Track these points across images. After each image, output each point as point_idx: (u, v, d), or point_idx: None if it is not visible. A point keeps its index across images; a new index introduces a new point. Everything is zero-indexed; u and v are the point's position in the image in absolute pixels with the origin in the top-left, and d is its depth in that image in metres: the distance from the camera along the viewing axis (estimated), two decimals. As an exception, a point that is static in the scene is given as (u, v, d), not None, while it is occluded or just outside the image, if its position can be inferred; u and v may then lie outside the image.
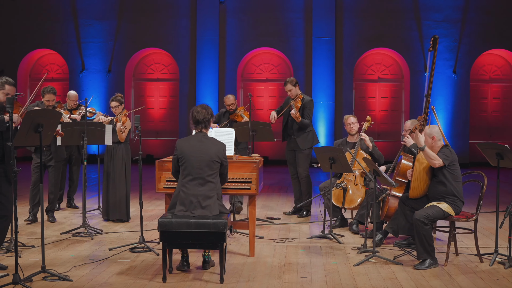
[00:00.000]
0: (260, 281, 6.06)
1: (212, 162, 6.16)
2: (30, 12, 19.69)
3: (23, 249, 7.28)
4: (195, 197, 6.08)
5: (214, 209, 6.08)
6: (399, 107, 19.59)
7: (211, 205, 6.08)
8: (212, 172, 6.17)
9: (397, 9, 18.86)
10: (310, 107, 9.58)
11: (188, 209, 6.06)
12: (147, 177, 14.16)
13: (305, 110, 9.54)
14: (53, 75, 20.40)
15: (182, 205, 6.10)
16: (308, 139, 9.59)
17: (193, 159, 6.14)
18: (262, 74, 19.82)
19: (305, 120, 9.48)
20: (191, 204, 6.07)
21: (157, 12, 19.36)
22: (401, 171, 7.61)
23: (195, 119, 6.34)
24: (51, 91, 8.83)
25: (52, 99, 8.82)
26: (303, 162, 9.62)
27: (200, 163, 6.13)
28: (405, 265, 6.70)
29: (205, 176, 6.13)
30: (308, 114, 9.55)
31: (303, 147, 9.56)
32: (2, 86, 6.19)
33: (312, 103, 9.64)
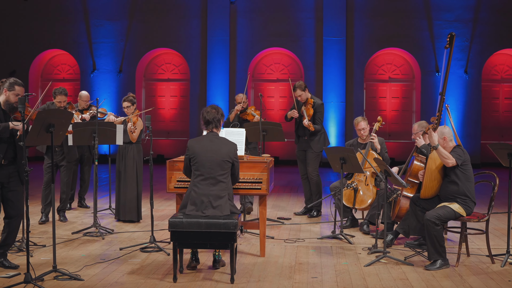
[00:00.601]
0: (270, 281, 6.05)
1: (224, 162, 6.17)
2: (41, 13, 19.79)
3: (35, 248, 7.31)
4: (206, 196, 6.09)
5: (225, 209, 6.09)
6: (410, 107, 19.53)
7: (222, 205, 6.09)
8: (224, 172, 6.17)
9: (408, 9, 18.81)
10: (321, 111, 9.57)
11: (199, 209, 6.07)
12: (158, 177, 14.19)
13: (316, 115, 9.53)
14: (65, 75, 20.48)
15: (193, 204, 6.11)
16: (320, 141, 9.58)
17: (204, 159, 6.15)
18: (273, 74, 19.81)
19: (317, 127, 9.49)
20: (202, 203, 6.08)
21: (168, 13, 19.40)
22: (413, 172, 7.58)
23: (205, 120, 6.36)
24: (62, 92, 8.84)
25: (64, 100, 8.84)
26: (313, 162, 9.61)
27: (212, 163, 6.14)
28: (416, 265, 6.67)
29: (216, 176, 6.14)
30: (319, 119, 9.54)
31: (317, 150, 9.57)
32: (12, 87, 6.23)
33: (322, 106, 9.62)
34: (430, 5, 18.68)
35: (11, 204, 6.35)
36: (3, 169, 6.22)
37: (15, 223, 6.42)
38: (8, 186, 6.29)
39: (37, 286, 5.64)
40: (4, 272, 6.24)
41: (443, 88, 6.99)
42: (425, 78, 18.78)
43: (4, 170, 6.23)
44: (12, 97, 6.22)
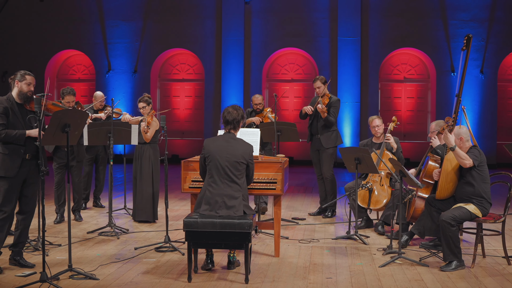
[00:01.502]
0: (285, 282, 6.05)
1: (238, 163, 6.16)
2: (57, 14, 19.90)
3: (50, 247, 7.36)
4: (220, 197, 6.10)
5: (239, 210, 6.09)
6: (425, 108, 19.44)
7: (236, 206, 6.08)
8: (238, 173, 6.17)
9: (423, 9, 18.72)
10: (336, 106, 9.57)
11: (213, 209, 6.08)
12: (172, 177, 14.23)
13: (331, 108, 9.53)
14: (80, 75, 20.58)
15: (207, 204, 6.11)
16: (332, 138, 9.56)
17: (219, 159, 6.15)
18: (288, 75, 19.80)
19: (331, 117, 9.46)
20: (216, 203, 6.08)
21: (183, 13, 19.44)
22: (428, 172, 7.55)
23: (225, 119, 6.37)
24: (71, 93, 8.85)
25: (72, 100, 8.83)
26: (327, 162, 9.59)
27: (226, 164, 6.14)
28: (431, 266, 6.64)
29: (231, 176, 6.14)
30: (334, 113, 9.53)
31: (326, 145, 9.53)
32: (23, 77, 6.30)
33: (339, 102, 9.63)
34: (446, 4, 18.58)
35: (26, 199, 6.41)
36: (26, 164, 6.27)
37: (27, 219, 6.47)
38: (28, 182, 6.35)
39: (52, 285, 5.67)
40: (20, 271, 6.28)
41: (460, 90, 6.95)
42: (441, 78, 18.68)
43: (27, 165, 6.28)
44: (25, 86, 6.28)
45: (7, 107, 6.20)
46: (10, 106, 6.23)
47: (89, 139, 8.37)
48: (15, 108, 6.25)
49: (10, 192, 6.23)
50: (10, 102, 6.26)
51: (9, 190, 6.22)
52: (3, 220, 6.26)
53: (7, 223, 6.31)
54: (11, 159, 6.19)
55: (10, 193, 6.23)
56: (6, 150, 6.18)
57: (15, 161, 6.20)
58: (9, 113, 6.20)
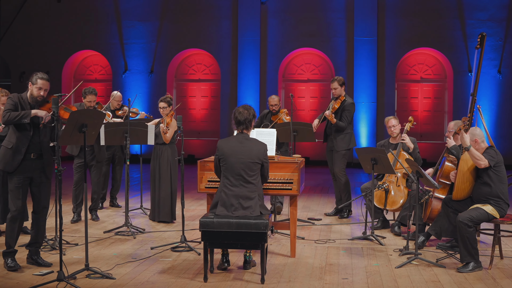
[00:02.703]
0: (301, 282, 6.04)
1: (253, 164, 6.15)
2: (74, 14, 20.02)
3: (67, 247, 7.40)
4: (236, 198, 6.09)
5: (255, 210, 6.08)
6: (442, 108, 19.34)
7: (252, 206, 6.08)
8: (253, 174, 6.16)
9: (440, 8, 18.62)
10: (349, 110, 9.52)
11: (229, 210, 6.08)
12: (189, 177, 14.26)
13: (343, 112, 9.49)
14: (97, 76, 20.70)
15: (223, 206, 6.11)
16: (345, 140, 9.54)
17: (233, 160, 6.15)
18: (304, 75, 19.78)
19: (341, 123, 9.44)
20: (232, 206, 6.08)
21: (199, 13, 19.49)
22: (445, 173, 7.51)
23: (236, 120, 6.33)
24: (93, 92, 8.92)
25: (94, 100, 8.91)
26: (339, 162, 9.57)
27: (241, 165, 6.13)
28: (448, 268, 6.61)
29: (245, 177, 6.13)
30: (346, 117, 9.49)
31: (338, 148, 9.52)
32: (35, 81, 6.28)
33: (352, 106, 9.58)
34: (463, 4, 18.47)
35: (37, 199, 6.45)
36: (32, 164, 6.31)
37: (42, 219, 6.52)
38: (35, 181, 6.39)
39: (69, 284, 5.70)
40: (37, 269, 6.32)
41: (475, 89, 6.91)
42: (458, 78, 18.57)
43: (32, 165, 6.32)
44: (35, 91, 6.28)
45: (17, 103, 6.22)
46: (21, 103, 6.25)
47: (105, 139, 8.41)
48: (25, 107, 6.26)
49: (14, 190, 6.28)
50: (22, 99, 6.28)
51: (12, 187, 6.28)
52: (12, 219, 6.31)
53: (17, 222, 6.35)
54: (12, 154, 6.23)
55: (13, 190, 6.28)
56: (9, 145, 6.24)
57: (15, 157, 6.24)
58: (18, 107, 6.21)
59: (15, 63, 20.51)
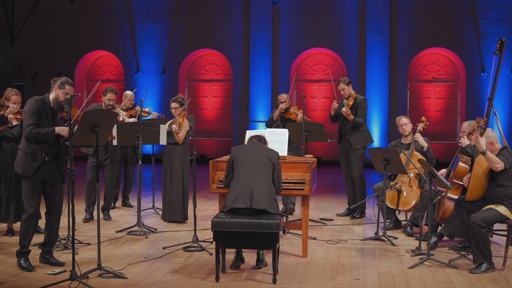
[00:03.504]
0: (312, 282, 6.03)
1: (265, 160, 6.26)
2: (87, 15, 20.10)
3: (80, 246, 7.43)
4: (248, 186, 6.10)
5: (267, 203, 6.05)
6: (455, 108, 19.26)
7: (264, 198, 6.07)
8: (266, 169, 6.21)
9: (453, 8, 18.53)
10: (363, 106, 9.51)
11: (240, 199, 6.06)
12: (200, 177, 14.27)
13: (358, 109, 9.48)
14: (109, 76, 20.77)
15: (233, 195, 6.12)
16: (362, 138, 9.50)
17: (246, 157, 6.28)
18: (316, 75, 19.75)
19: (358, 119, 9.41)
20: (244, 193, 6.08)
21: (211, 14, 19.51)
22: (458, 173, 7.47)
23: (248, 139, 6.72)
24: (113, 91, 9.03)
25: (113, 98, 9.01)
26: (356, 163, 9.54)
27: (254, 159, 6.24)
28: (460, 268, 6.58)
29: (259, 171, 6.17)
30: (362, 113, 9.47)
31: (356, 146, 9.48)
32: (63, 85, 6.32)
33: (365, 102, 9.57)
34: (476, 3, 18.37)
35: (51, 200, 6.47)
36: (46, 166, 6.33)
37: (56, 219, 6.54)
38: (49, 182, 6.41)
39: (82, 283, 5.73)
40: (50, 269, 6.35)
41: (492, 94, 6.87)
42: (471, 78, 18.48)
43: (47, 167, 6.34)
44: (62, 95, 6.31)
45: (40, 107, 6.27)
46: (43, 107, 6.29)
47: (118, 139, 8.43)
48: (47, 111, 6.32)
49: (28, 192, 6.30)
50: (44, 103, 6.32)
51: (26, 189, 6.31)
52: (27, 219, 6.34)
53: (32, 222, 6.38)
54: (31, 160, 6.25)
55: (28, 192, 6.30)
56: (29, 150, 6.26)
57: (34, 162, 6.27)
58: (42, 114, 6.26)
59: (28, 63, 20.62)
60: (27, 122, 6.20)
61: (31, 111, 6.21)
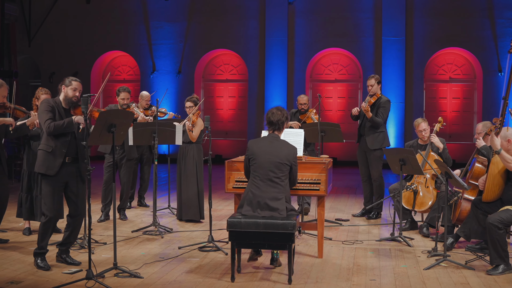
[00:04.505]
0: (328, 283, 6.02)
1: (282, 164, 6.15)
2: (103, 15, 20.19)
3: (96, 246, 7.47)
4: (263, 198, 6.09)
5: (282, 211, 6.07)
6: (471, 108, 19.14)
7: (279, 208, 6.07)
8: (282, 174, 6.16)
9: (469, 8, 18.41)
10: (385, 107, 9.45)
11: (255, 210, 6.08)
12: (216, 177, 14.29)
13: (379, 109, 9.43)
14: (125, 76, 20.85)
15: (249, 205, 6.12)
16: (378, 139, 9.45)
17: (262, 159, 6.16)
18: (331, 75, 19.71)
19: (377, 118, 9.36)
20: (259, 204, 6.08)
21: (226, 14, 19.53)
22: (475, 174, 7.43)
23: (269, 120, 6.37)
24: (126, 90, 9.09)
25: (127, 97, 9.07)
26: (375, 164, 9.50)
27: (269, 165, 6.13)
28: (477, 270, 6.53)
29: (274, 178, 6.12)
30: (382, 114, 9.42)
31: (371, 146, 9.44)
32: (70, 83, 6.41)
33: (388, 103, 9.50)
34: (493, 3, 18.24)
35: (73, 204, 6.49)
36: (67, 168, 6.36)
37: (77, 222, 6.56)
38: (71, 186, 6.44)
39: (98, 282, 5.76)
40: (67, 268, 6.39)
41: (507, 93, 6.82)
42: (487, 78, 18.36)
43: (68, 169, 6.37)
44: (70, 92, 6.37)
45: (53, 106, 6.33)
46: (56, 107, 6.34)
47: (134, 139, 8.46)
48: (60, 111, 6.36)
49: (49, 193, 6.33)
50: (57, 104, 6.37)
51: (47, 190, 6.33)
52: (46, 223, 6.37)
53: (51, 226, 6.41)
54: (53, 158, 6.29)
55: (48, 194, 6.33)
56: (49, 149, 6.29)
57: (56, 160, 6.30)
58: (55, 112, 6.31)
59: (45, 64, 20.75)
60: (43, 119, 6.26)
61: (45, 109, 6.29)
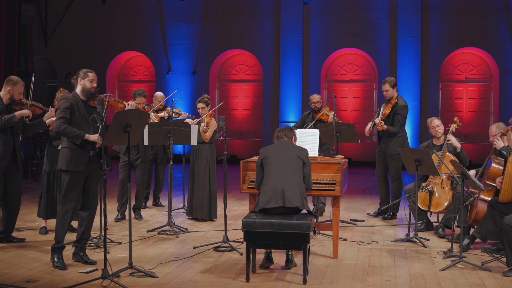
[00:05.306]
0: (343, 284, 6.01)
1: (296, 157, 6.28)
2: (118, 16, 20.28)
3: (112, 245, 7.49)
4: (279, 186, 6.11)
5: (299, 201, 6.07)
6: (488, 108, 19.01)
7: (295, 196, 6.08)
8: (296, 167, 6.22)
9: (485, 7, 18.28)
10: (401, 114, 9.36)
11: (271, 199, 6.08)
12: (230, 177, 14.31)
13: (395, 116, 9.34)
14: (140, 76, 20.93)
15: (265, 195, 6.13)
16: (397, 144, 9.37)
17: (276, 158, 6.27)
18: (346, 75, 19.67)
19: (392, 128, 9.29)
20: (275, 193, 6.09)
21: (241, 14, 19.55)
22: (491, 175, 7.37)
23: (276, 134, 6.62)
24: (142, 94, 9.10)
25: (143, 101, 9.12)
26: (394, 165, 9.47)
27: (283, 159, 6.24)
28: (493, 271, 6.49)
29: (289, 169, 6.17)
30: (398, 121, 9.33)
31: (390, 152, 9.41)
32: (85, 74, 6.47)
33: (405, 109, 9.39)
34: (509, 2, 18.10)
35: (89, 196, 6.55)
36: (91, 161, 6.41)
37: (91, 216, 6.61)
38: (89, 179, 6.50)
39: (113, 282, 5.78)
40: (83, 267, 6.42)
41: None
42: (504, 78, 18.23)
43: (91, 162, 6.42)
44: (88, 83, 6.44)
45: (73, 103, 6.37)
46: (75, 103, 6.39)
47: (149, 139, 8.49)
48: (80, 105, 6.41)
49: (72, 188, 6.37)
50: (76, 99, 6.42)
51: (71, 186, 6.37)
52: (65, 214, 6.41)
53: (69, 218, 6.45)
54: (80, 154, 6.34)
55: (72, 189, 6.37)
56: (74, 146, 6.33)
57: (83, 156, 6.35)
58: (74, 110, 6.35)
59: (61, 64, 20.88)
60: (58, 116, 6.32)
61: (63, 107, 6.34)
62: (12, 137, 7.39)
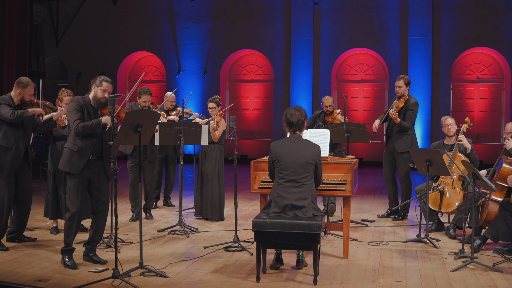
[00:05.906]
0: (353, 284, 6.00)
1: (307, 164, 6.15)
2: (129, 16, 20.33)
3: (122, 245, 7.52)
4: (289, 200, 6.09)
5: (308, 211, 6.07)
6: (499, 108, 18.92)
7: (305, 207, 6.07)
8: (307, 174, 6.15)
9: (497, 7, 18.17)
10: (413, 110, 9.37)
11: (282, 211, 6.08)
12: (241, 177, 14.29)
13: (407, 112, 9.35)
14: (151, 76, 20.97)
15: (276, 206, 6.12)
16: (406, 142, 9.37)
17: (287, 161, 6.16)
18: (357, 75, 19.62)
19: (405, 123, 9.30)
20: (286, 206, 6.08)
21: (252, 14, 19.54)
22: (502, 175, 7.34)
23: (289, 122, 6.34)
24: (148, 92, 9.09)
25: (148, 99, 9.09)
26: (403, 165, 9.45)
27: (295, 165, 6.13)
28: (505, 272, 6.46)
29: (299, 179, 6.12)
30: (410, 117, 9.34)
31: (399, 149, 9.39)
32: (100, 83, 6.43)
33: (416, 106, 9.42)
34: (521, 2, 18.03)
35: (97, 200, 6.56)
36: (91, 165, 6.42)
37: (102, 219, 6.63)
38: (94, 183, 6.50)
39: (124, 281, 5.80)
40: (93, 267, 6.45)
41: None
42: (516, 78, 18.14)
43: (92, 166, 6.43)
44: (100, 92, 6.42)
45: (82, 105, 6.38)
46: (84, 105, 6.40)
47: (160, 139, 8.52)
48: (89, 110, 6.42)
49: (73, 190, 6.40)
50: (85, 102, 6.43)
51: (72, 188, 6.40)
52: (70, 218, 6.44)
53: (75, 221, 6.47)
54: (78, 157, 6.36)
55: (73, 191, 6.40)
56: (75, 148, 6.36)
57: (81, 159, 6.37)
58: (84, 111, 6.37)
59: (72, 64, 20.96)
60: (72, 119, 6.33)
61: (74, 109, 6.35)
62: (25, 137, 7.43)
